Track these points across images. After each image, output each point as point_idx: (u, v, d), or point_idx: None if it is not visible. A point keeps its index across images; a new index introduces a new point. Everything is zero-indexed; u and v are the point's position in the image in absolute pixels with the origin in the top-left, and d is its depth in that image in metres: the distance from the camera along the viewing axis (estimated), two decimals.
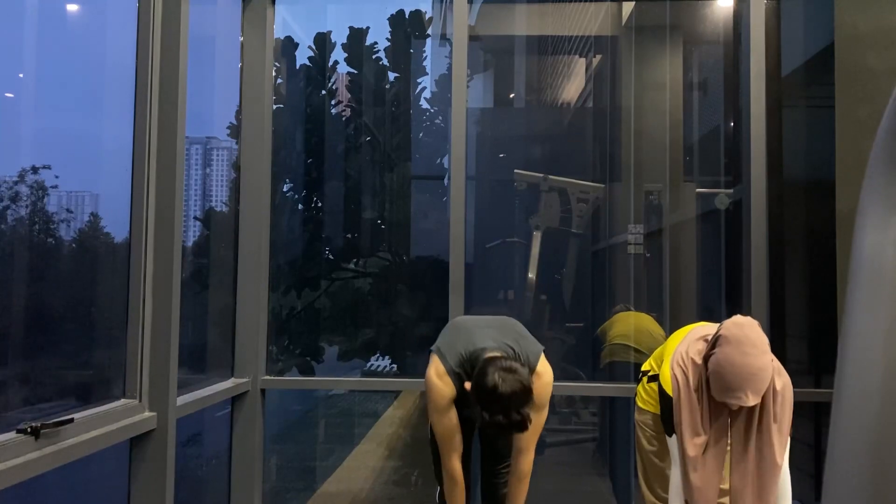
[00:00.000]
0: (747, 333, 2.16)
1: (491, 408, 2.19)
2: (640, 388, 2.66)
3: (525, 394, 2.19)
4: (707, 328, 2.40)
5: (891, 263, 1.93)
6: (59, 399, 2.71)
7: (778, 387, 2.23)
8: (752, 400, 2.15)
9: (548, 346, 2.70)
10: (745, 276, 3.23)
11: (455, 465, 2.48)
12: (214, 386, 3.18)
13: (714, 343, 2.21)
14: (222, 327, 3.46)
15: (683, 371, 2.30)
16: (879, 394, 1.92)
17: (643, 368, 2.70)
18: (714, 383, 2.20)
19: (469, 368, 2.39)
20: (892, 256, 1.93)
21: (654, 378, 2.54)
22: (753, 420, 2.24)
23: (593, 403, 4.96)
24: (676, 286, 4.23)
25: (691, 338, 2.38)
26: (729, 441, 2.32)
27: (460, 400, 2.44)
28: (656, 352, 2.70)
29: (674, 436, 2.34)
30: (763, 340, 2.17)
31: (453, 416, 2.43)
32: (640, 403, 2.63)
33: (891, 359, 1.91)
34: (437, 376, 2.42)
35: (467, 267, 3.34)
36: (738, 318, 2.23)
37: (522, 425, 2.21)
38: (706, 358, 2.23)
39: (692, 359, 2.29)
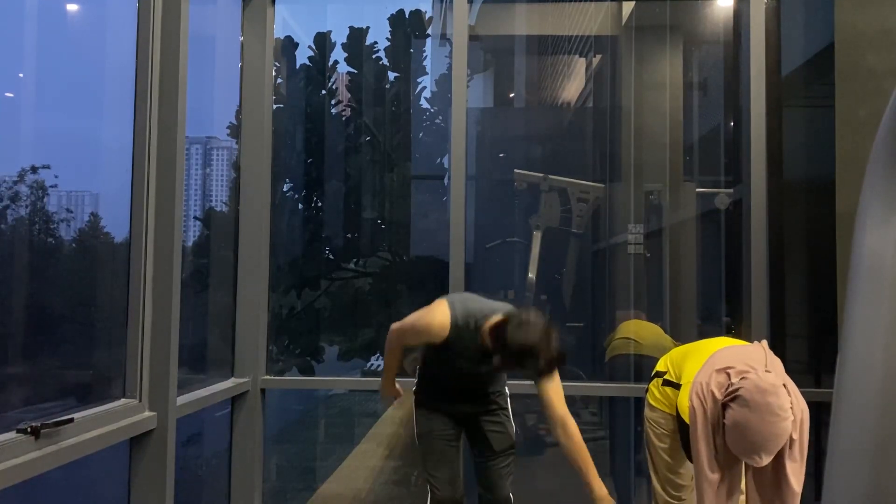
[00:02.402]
0: (769, 401, 2.11)
1: (521, 352, 2.33)
2: (652, 386, 2.63)
3: (551, 337, 2.37)
4: (730, 355, 2.33)
5: (891, 263, 1.93)
6: (59, 399, 2.71)
7: (795, 436, 2.19)
8: (765, 461, 2.14)
9: None
10: (745, 275, 3.23)
11: (399, 357, 2.73)
12: (214, 386, 3.18)
13: (734, 395, 2.16)
14: (222, 327, 3.46)
15: (703, 403, 2.25)
16: (879, 393, 1.92)
17: (658, 368, 2.66)
18: (730, 438, 2.18)
19: (478, 321, 2.50)
20: (892, 256, 1.93)
21: (670, 383, 2.52)
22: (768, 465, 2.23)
23: (593, 403, 4.96)
24: (676, 286, 4.23)
25: (712, 366, 2.31)
26: (744, 478, 2.31)
27: (445, 350, 2.54)
28: (674, 353, 2.66)
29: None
30: (785, 407, 2.12)
31: (428, 338, 2.57)
32: (651, 402, 2.61)
33: (891, 358, 1.91)
34: (441, 314, 2.54)
35: (467, 267, 3.35)
36: (762, 381, 2.14)
37: (558, 358, 2.41)
38: (724, 405, 2.19)
39: (712, 392, 2.24)
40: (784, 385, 2.17)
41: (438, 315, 2.53)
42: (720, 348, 2.43)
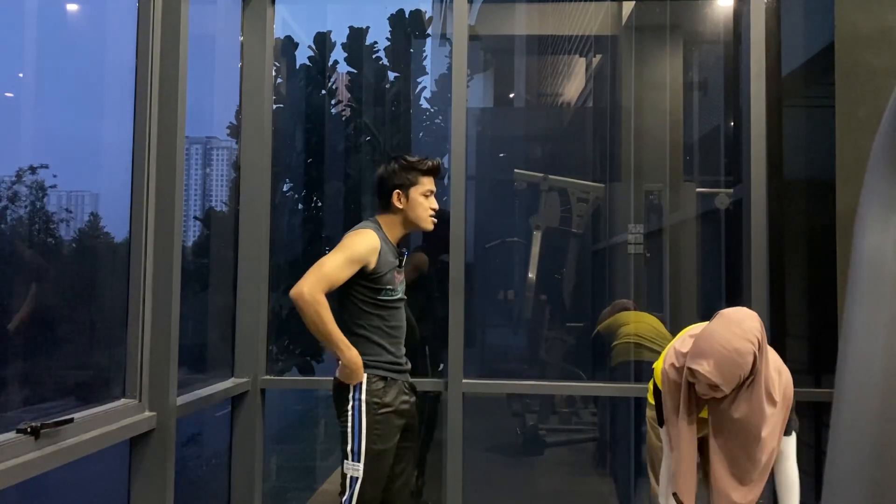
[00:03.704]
0: (741, 317, 2.17)
1: None
2: (650, 384, 2.66)
3: None
4: (706, 326, 2.40)
5: (891, 263, 1.93)
6: (59, 399, 2.71)
7: (777, 397, 2.21)
8: (712, 374, 2.12)
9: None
10: (745, 276, 3.24)
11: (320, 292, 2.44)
12: (214, 386, 3.18)
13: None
14: (222, 327, 3.46)
15: (674, 365, 2.30)
16: (880, 393, 1.91)
17: (654, 366, 2.70)
18: (691, 349, 2.21)
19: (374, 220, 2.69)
20: (892, 256, 1.93)
21: None
22: (733, 408, 2.23)
23: (593, 403, 4.96)
24: (676, 286, 4.23)
25: (687, 333, 2.38)
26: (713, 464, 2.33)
27: (377, 269, 2.54)
28: (668, 347, 2.70)
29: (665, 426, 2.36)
30: (751, 332, 2.15)
31: (348, 270, 2.49)
32: (650, 399, 2.64)
33: (891, 358, 1.91)
34: (361, 233, 2.56)
35: (467, 267, 3.34)
36: (743, 308, 2.24)
37: None
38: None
39: (683, 356, 2.28)
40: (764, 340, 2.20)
41: (363, 234, 2.54)
42: (697, 325, 2.49)
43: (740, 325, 2.15)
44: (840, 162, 2.96)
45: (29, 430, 1.91)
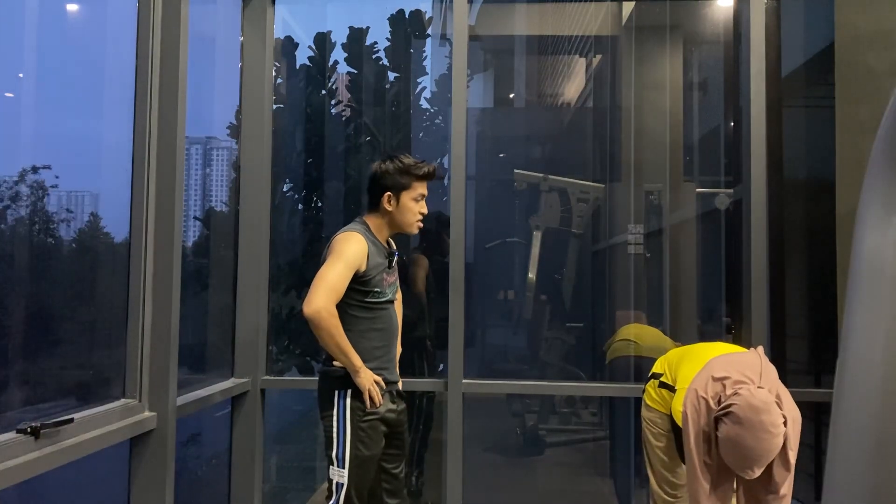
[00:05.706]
0: (762, 419, 2.11)
1: None
2: (649, 387, 2.65)
3: None
4: (726, 363, 2.33)
5: (891, 263, 1.94)
6: (59, 399, 2.71)
7: (792, 459, 2.20)
8: (757, 473, 2.15)
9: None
10: (745, 276, 3.23)
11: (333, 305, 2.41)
12: (214, 386, 3.18)
13: (727, 411, 2.16)
14: (222, 327, 3.46)
15: (696, 411, 2.26)
16: (879, 394, 1.92)
17: (655, 370, 2.68)
18: (723, 451, 2.19)
19: (362, 221, 2.69)
20: (892, 256, 1.94)
21: (666, 385, 2.54)
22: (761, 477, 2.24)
23: (593, 403, 4.97)
24: (676, 286, 4.23)
25: (708, 373, 2.30)
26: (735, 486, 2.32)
27: (367, 273, 2.53)
28: (671, 355, 2.68)
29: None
30: (777, 423, 2.12)
31: (349, 276, 2.46)
32: (648, 402, 2.63)
33: (891, 359, 1.91)
34: (349, 237, 2.54)
35: (467, 267, 3.34)
36: (754, 398, 2.13)
37: None
38: (717, 419, 2.20)
39: (707, 402, 2.25)
40: (777, 397, 2.17)
41: (350, 239, 2.52)
42: (717, 355, 2.43)
43: (764, 427, 2.11)
44: (840, 162, 2.96)
45: (29, 430, 1.91)
